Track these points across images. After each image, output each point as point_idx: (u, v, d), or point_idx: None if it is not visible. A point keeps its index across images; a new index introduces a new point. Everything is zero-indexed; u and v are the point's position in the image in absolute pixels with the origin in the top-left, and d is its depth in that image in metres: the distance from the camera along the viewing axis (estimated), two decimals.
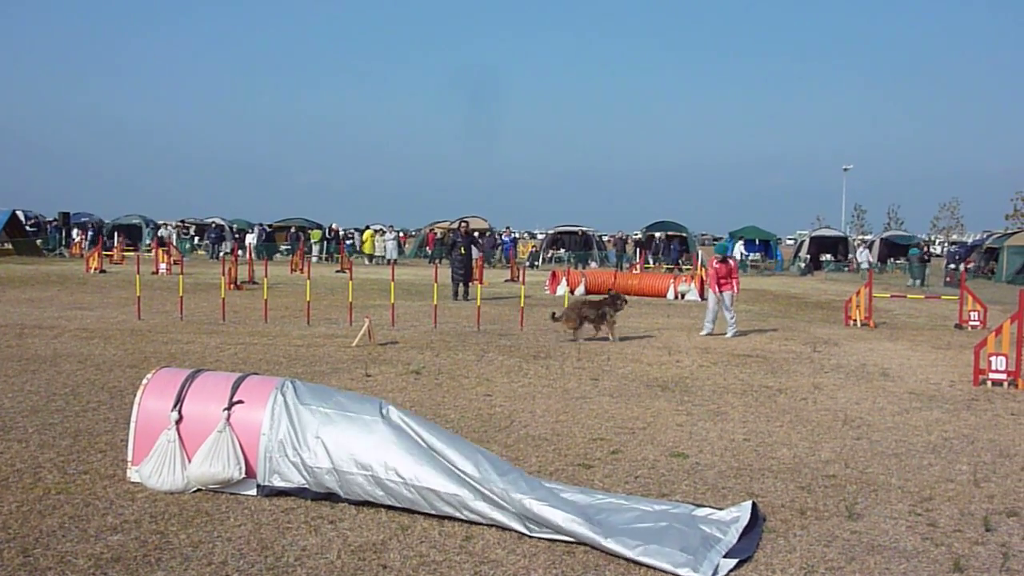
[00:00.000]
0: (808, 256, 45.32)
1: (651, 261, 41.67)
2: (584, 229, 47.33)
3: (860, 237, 48.92)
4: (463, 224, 23.15)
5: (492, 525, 5.19)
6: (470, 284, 21.08)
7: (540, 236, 58.53)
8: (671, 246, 42.94)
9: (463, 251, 21.35)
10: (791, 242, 79.22)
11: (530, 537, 5.05)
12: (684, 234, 45.68)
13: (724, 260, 15.68)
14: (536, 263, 43.20)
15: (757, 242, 46.82)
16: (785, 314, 20.18)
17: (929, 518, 5.64)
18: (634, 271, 34.00)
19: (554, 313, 14.43)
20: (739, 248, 42.43)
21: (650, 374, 10.91)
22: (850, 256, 44.83)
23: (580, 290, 24.09)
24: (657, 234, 45.67)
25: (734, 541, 5.02)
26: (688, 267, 36.88)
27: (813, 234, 50.45)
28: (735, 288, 15.47)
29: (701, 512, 5.47)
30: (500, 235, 46.71)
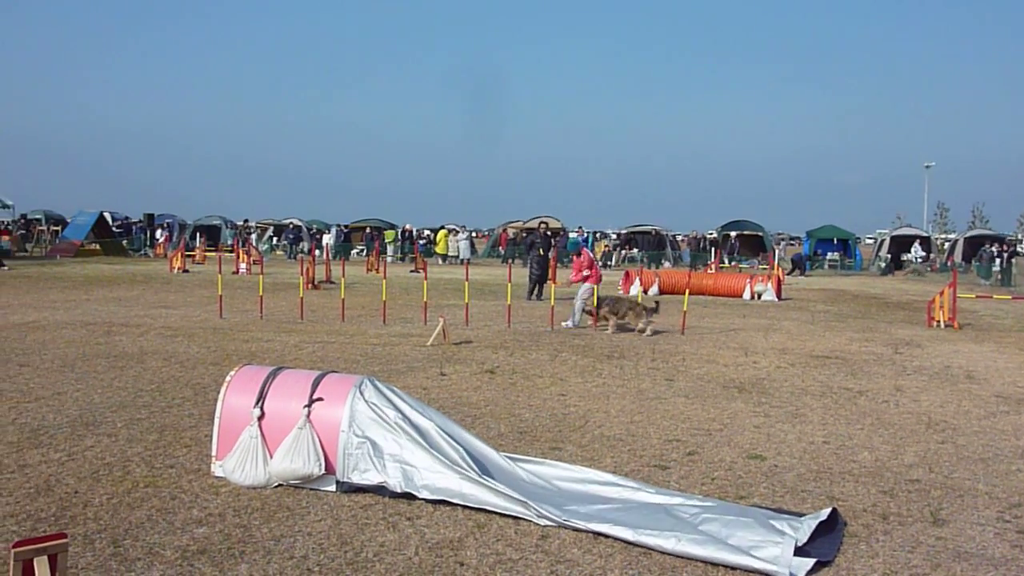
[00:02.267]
0: (888, 256, 44.20)
1: (727, 261, 41.16)
2: (657, 228, 46.97)
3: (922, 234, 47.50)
4: (542, 224, 22.72)
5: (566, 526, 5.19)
6: (545, 284, 20.79)
7: (612, 235, 58.23)
8: (735, 244, 42.40)
9: (541, 252, 21.09)
10: (871, 241, 77.33)
11: (606, 537, 5.04)
12: (760, 233, 45.01)
13: (579, 253, 16.89)
14: (609, 263, 43.01)
15: (835, 241, 45.87)
16: (865, 315, 19.73)
17: (1018, 525, 5.47)
18: (709, 271, 33.62)
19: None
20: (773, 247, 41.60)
21: (726, 375, 10.79)
22: (931, 255, 43.60)
23: (654, 290, 23.93)
24: (732, 233, 45.10)
25: (804, 539, 4.93)
26: (765, 267, 36.32)
27: (893, 233, 49.18)
28: (593, 279, 15.85)
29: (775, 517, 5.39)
30: (572, 234, 46.65)
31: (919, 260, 41.38)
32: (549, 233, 23.25)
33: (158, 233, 47.43)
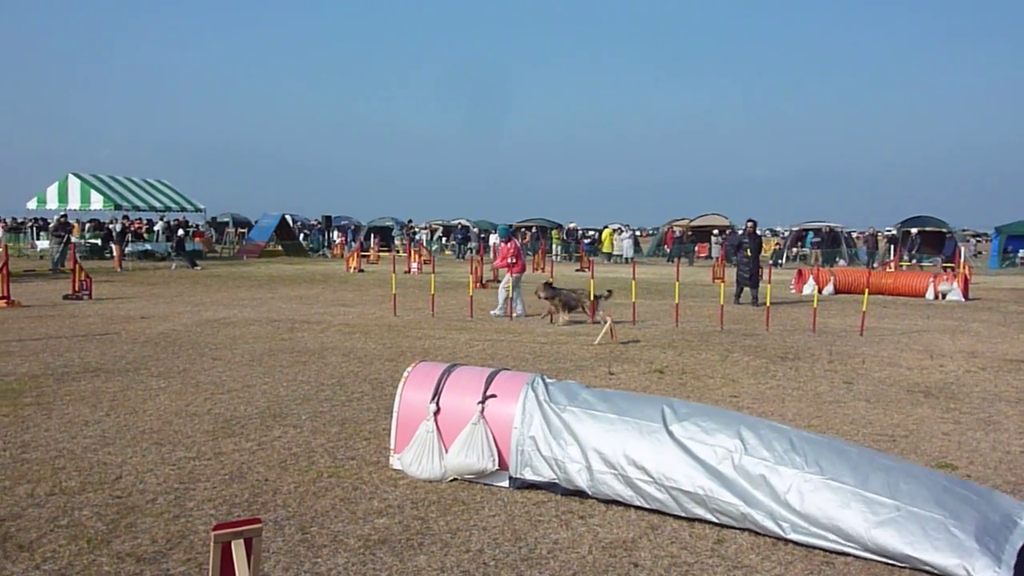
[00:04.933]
0: None
1: (907, 258, 39.08)
2: (831, 225, 45.11)
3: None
4: (749, 223, 21.09)
5: (744, 529, 5.05)
6: (759, 286, 19.34)
7: (783, 233, 56.41)
8: (916, 241, 40.07)
9: (748, 253, 19.67)
10: None
11: (786, 543, 4.87)
12: (944, 229, 42.48)
13: (507, 241, 16.57)
14: (780, 261, 41.68)
15: None
16: None
17: None
18: (888, 269, 32.02)
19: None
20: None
21: (910, 379, 10.23)
22: None
23: (828, 289, 23.02)
24: (913, 230, 42.77)
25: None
26: (950, 265, 34.26)
27: None
28: (518, 269, 16.33)
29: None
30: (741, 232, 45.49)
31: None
32: (759, 232, 21.97)
33: (335, 234, 49.56)
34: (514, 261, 16.28)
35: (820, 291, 21.92)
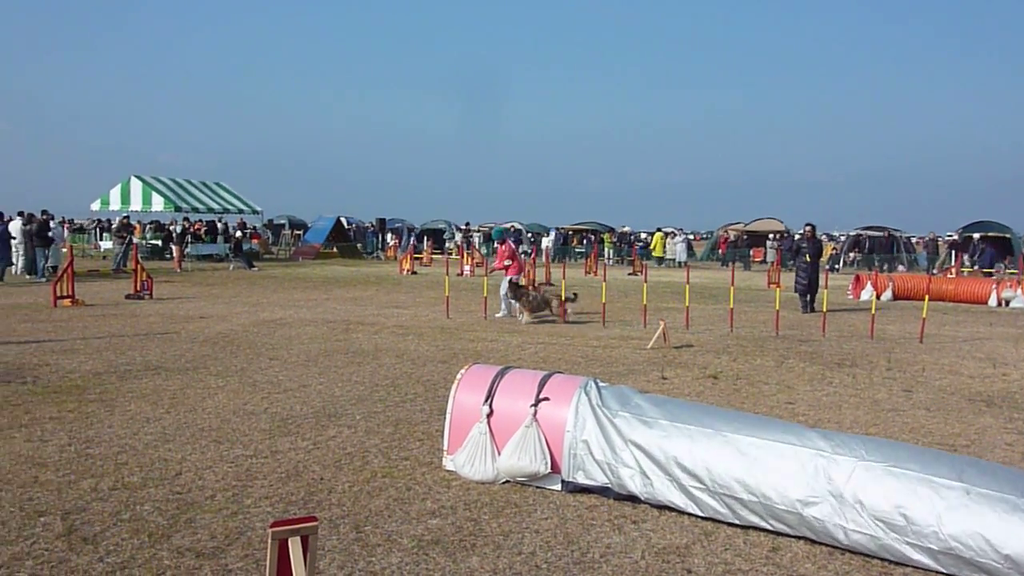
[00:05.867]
0: None
1: (968, 264, 38.21)
2: (890, 230, 44.29)
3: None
4: (808, 227, 20.24)
5: (800, 537, 4.99)
6: (816, 293, 18.67)
7: (840, 238, 55.52)
8: (985, 248, 39.07)
9: (808, 258, 19.07)
10: None
11: (843, 553, 4.81)
12: (1008, 235, 41.46)
13: (502, 242, 16.84)
14: (837, 266, 41.04)
15: None
16: None
17: None
18: (949, 275, 31.35)
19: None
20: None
21: (971, 387, 10.01)
22: None
23: (887, 295, 22.62)
24: (975, 235, 41.82)
25: None
26: (1013, 271, 33.43)
27: None
28: (514, 270, 16.56)
29: None
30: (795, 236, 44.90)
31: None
32: (819, 237, 21.28)
33: (389, 237, 49.98)
34: (510, 263, 16.58)
35: (878, 297, 21.55)
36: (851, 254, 43.88)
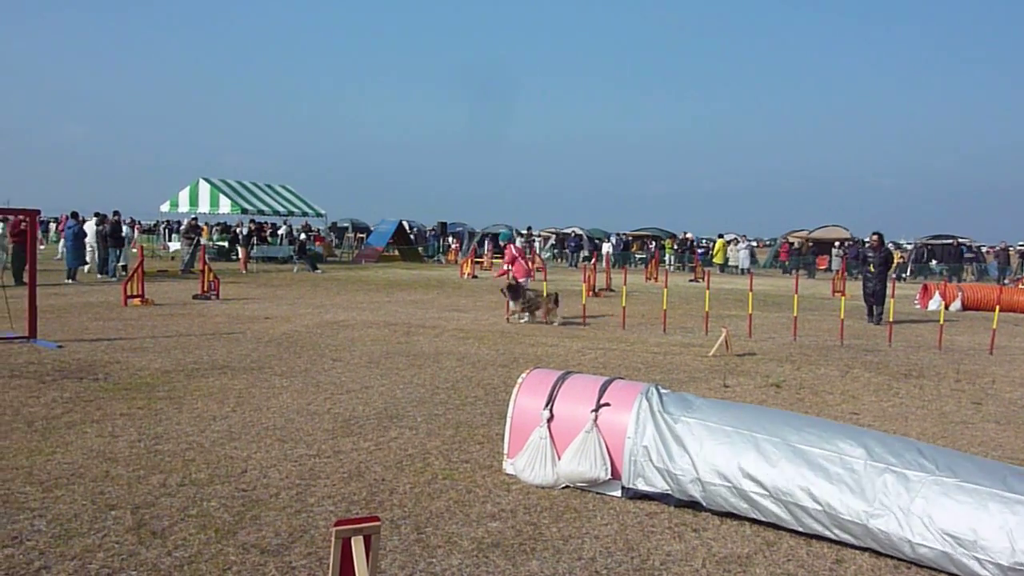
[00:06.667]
0: None
1: None
2: (959, 239, 43.22)
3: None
4: (874, 236, 19.47)
5: (864, 549, 4.90)
6: (884, 303, 17.99)
7: (907, 246, 54.40)
8: None
9: (872, 268, 18.49)
10: None
11: (909, 566, 4.71)
12: None
13: (507, 245, 16.85)
14: (903, 275, 40.18)
15: None
16: None
17: None
18: (1021, 285, 30.47)
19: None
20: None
21: None
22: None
23: (956, 305, 22.08)
24: None
25: None
26: None
27: None
28: (520, 273, 17.53)
29: None
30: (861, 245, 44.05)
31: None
32: (889, 244, 20.51)
33: (450, 240, 50.28)
34: (510, 268, 16.92)
35: (947, 307, 21.05)
36: (919, 263, 42.95)
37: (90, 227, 25.91)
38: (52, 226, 54.57)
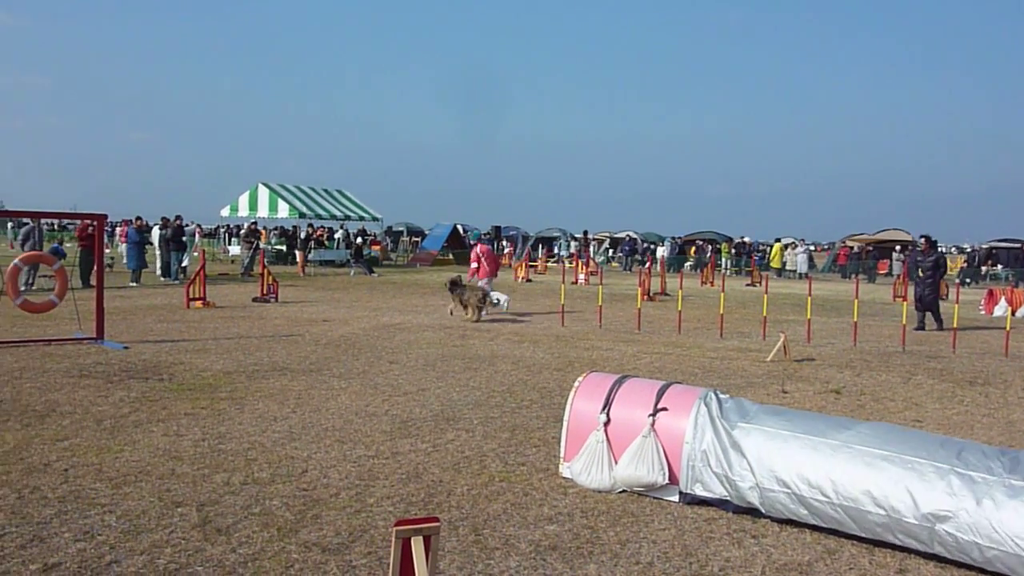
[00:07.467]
0: None
1: None
2: None
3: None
4: (923, 239, 18.84)
5: (929, 557, 4.82)
6: (936, 309, 17.35)
7: (969, 250, 53.11)
8: None
9: (921, 273, 17.76)
10: None
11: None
12: None
13: (473, 246, 16.59)
14: (967, 280, 39.28)
15: None
16: None
17: None
18: None
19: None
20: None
21: None
22: None
23: (1022, 311, 21.52)
24: None
25: None
26: None
27: None
28: (482, 273, 18.17)
29: None
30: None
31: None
32: (941, 248, 19.75)
33: (504, 244, 50.41)
34: (476, 266, 17.50)
35: (1013, 313, 20.54)
36: (983, 268, 41.95)
37: (154, 232, 26.49)
38: (117, 231, 55.87)
